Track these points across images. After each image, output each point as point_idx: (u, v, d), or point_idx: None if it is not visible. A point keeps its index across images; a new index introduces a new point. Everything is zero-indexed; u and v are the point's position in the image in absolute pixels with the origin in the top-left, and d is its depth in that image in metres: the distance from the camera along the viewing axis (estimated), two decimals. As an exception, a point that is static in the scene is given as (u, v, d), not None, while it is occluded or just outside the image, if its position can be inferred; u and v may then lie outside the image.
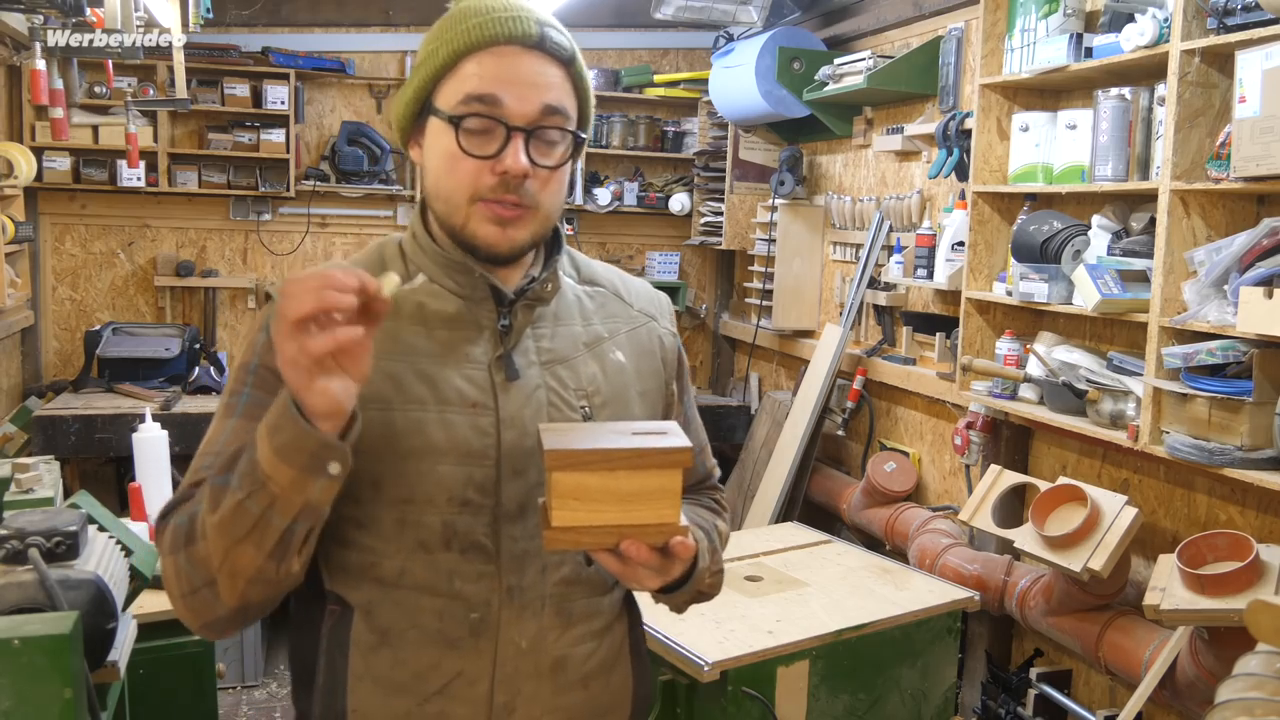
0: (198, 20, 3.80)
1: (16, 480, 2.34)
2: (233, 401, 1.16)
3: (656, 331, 1.34)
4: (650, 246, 5.55)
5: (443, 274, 1.20)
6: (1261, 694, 1.74)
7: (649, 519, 1.06)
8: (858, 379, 4.10)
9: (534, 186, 1.15)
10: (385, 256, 1.24)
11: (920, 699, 2.65)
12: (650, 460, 1.05)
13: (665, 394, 1.34)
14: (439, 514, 1.15)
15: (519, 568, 1.18)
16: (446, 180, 1.15)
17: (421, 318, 1.18)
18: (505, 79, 1.13)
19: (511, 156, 1.12)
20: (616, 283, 1.35)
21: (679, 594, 1.22)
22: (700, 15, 4.36)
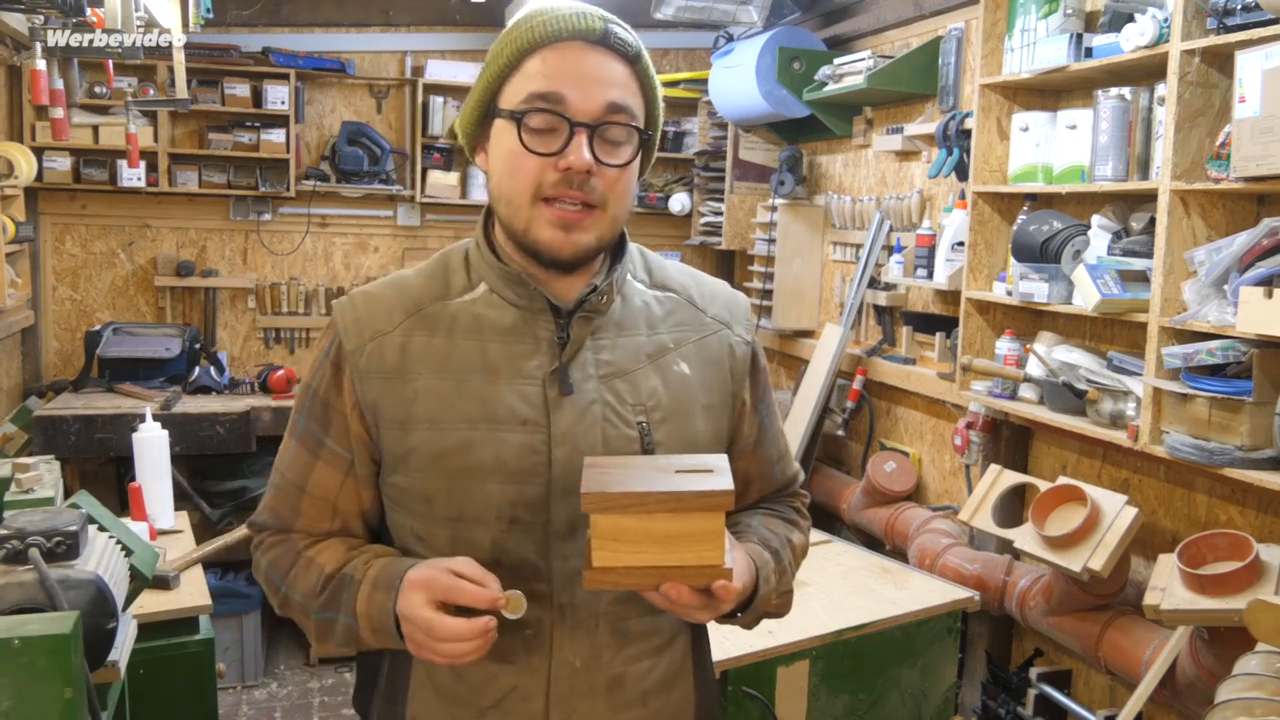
0: (198, 20, 3.80)
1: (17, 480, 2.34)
2: (295, 421, 1.24)
3: (728, 340, 1.30)
4: (650, 246, 5.37)
5: (502, 284, 1.19)
6: (1261, 694, 1.74)
7: (690, 560, 1.04)
8: (858, 379, 4.10)
9: (600, 185, 1.13)
10: (449, 267, 1.24)
11: (920, 699, 2.65)
12: (688, 504, 1.03)
13: (733, 405, 1.29)
14: (488, 532, 1.15)
15: (571, 586, 1.17)
16: (509, 181, 1.14)
17: (478, 329, 1.18)
18: (568, 75, 1.11)
19: (575, 152, 1.10)
20: (690, 287, 1.32)
21: (744, 618, 1.22)
22: (700, 15, 4.36)
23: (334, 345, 1.20)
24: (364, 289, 1.24)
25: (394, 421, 1.16)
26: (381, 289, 1.22)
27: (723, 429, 1.28)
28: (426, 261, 1.27)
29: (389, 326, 1.18)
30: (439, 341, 1.17)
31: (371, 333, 1.18)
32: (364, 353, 1.17)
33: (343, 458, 1.20)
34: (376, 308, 1.20)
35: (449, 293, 1.20)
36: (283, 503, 1.24)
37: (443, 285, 1.21)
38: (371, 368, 1.17)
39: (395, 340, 1.17)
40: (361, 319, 1.19)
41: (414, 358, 1.17)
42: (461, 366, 1.16)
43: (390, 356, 1.17)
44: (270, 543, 1.25)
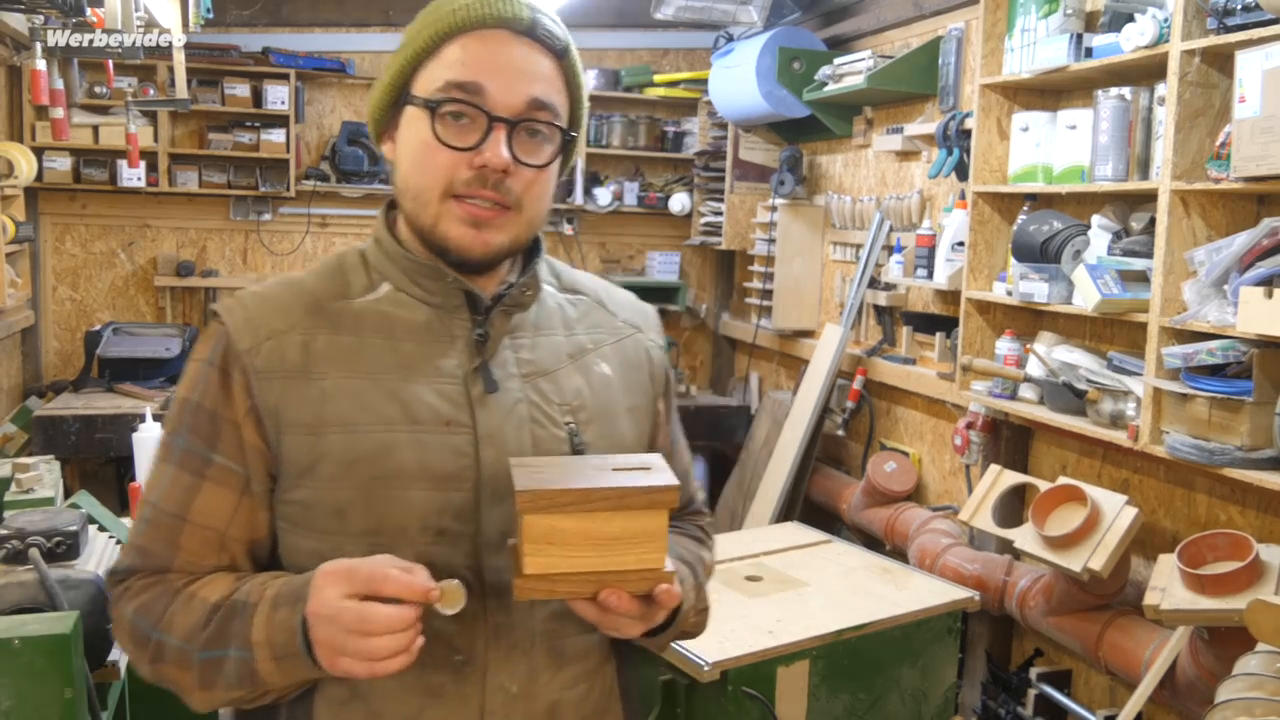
0: (198, 20, 3.80)
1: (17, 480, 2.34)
2: (170, 442, 1.08)
3: (644, 344, 1.23)
4: (650, 246, 5.55)
5: (409, 281, 1.10)
6: (1261, 694, 1.74)
7: (631, 565, 0.97)
8: (858, 379, 4.10)
9: (516, 185, 1.04)
10: (346, 268, 1.13)
11: (920, 699, 2.65)
12: (633, 501, 0.95)
13: (653, 412, 1.23)
14: (412, 546, 1.02)
15: (505, 603, 1.06)
16: (418, 174, 1.05)
17: (388, 329, 1.08)
18: (490, 65, 1.03)
19: (492, 148, 1.02)
20: (600, 291, 1.25)
21: (661, 637, 1.12)
22: (700, 15, 4.36)
23: (220, 348, 1.06)
24: (251, 289, 1.11)
25: (300, 426, 1.03)
26: (272, 288, 1.11)
27: (645, 433, 1.21)
28: (318, 264, 1.15)
29: (286, 325, 1.06)
30: (345, 339, 1.07)
31: (268, 331, 1.06)
32: (260, 352, 1.04)
33: (236, 474, 1.05)
34: (270, 306, 1.08)
35: (349, 292, 1.10)
36: (156, 539, 1.06)
37: (342, 285, 1.11)
38: (271, 367, 1.04)
39: (295, 338, 1.06)
40: (254, 318, 1.06)
41: (319, 356, 1.05)
42: (373, 365, 1.06)
43: (291, 355, 1.05)
44: (138, 588, 1.06)
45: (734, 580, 2.71)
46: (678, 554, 1.17)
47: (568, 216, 5.36)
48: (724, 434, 4.92)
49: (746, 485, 4.47)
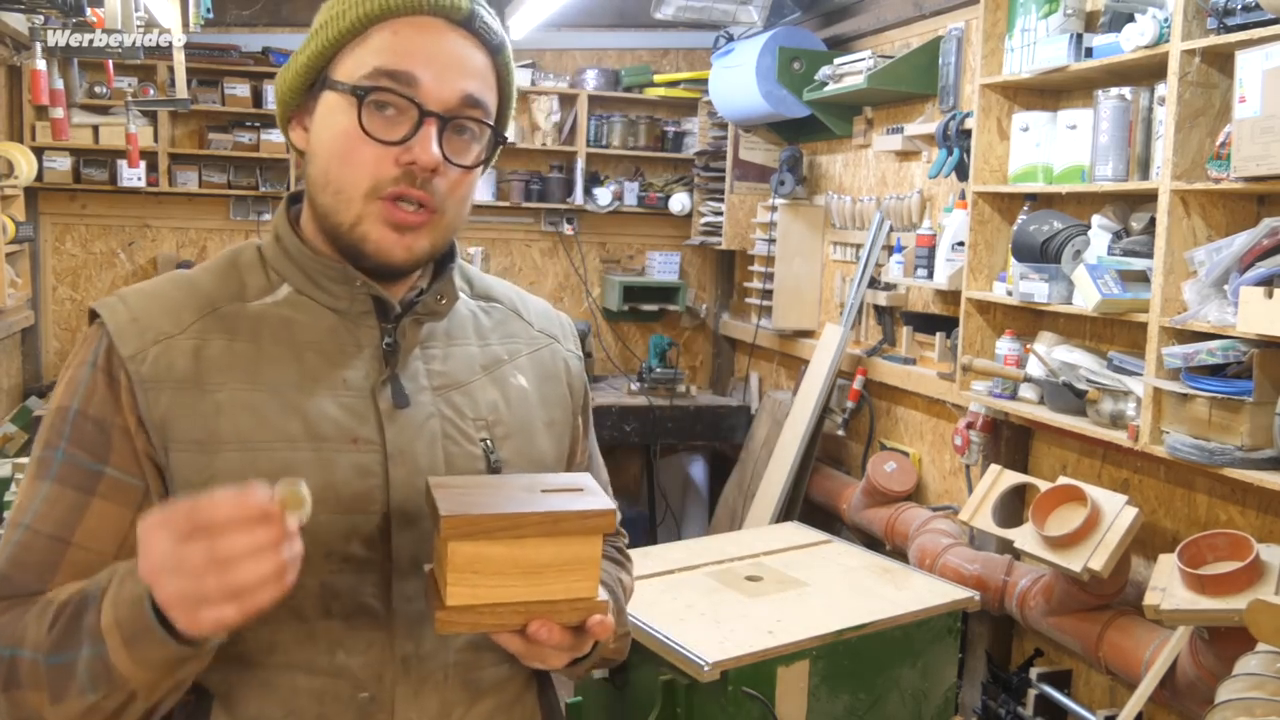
0: (198, 20, 3.80)
1: (17, 480, 2.33)
2: (46, 457, 0.94)
3: (561, 354, 1.17)
4: (650, 246, 5.55)
5: (312, 283, 1.01)
6: (1262, 694, 1.74)
7: (561, 594, 0.90)
8: (858, 379, 4.10)
9: (441, 186, 0.97)
10: (241, 266, 1.03)
11: (920, 699, 2.65)
12: (567, 526, 0.89)
13: (572, 426, 1.16)
14: (315, 574, 0.93)
15: (415, 633, 0.98)
16: (339, 168, 0.96)
17: (287, 337, 0.99)
18: (425, 55, 0.95)
19: (422, 144, 0.94)
20: (514, 299, 1.18)
21: (579, 666, 1.04)
22: (700, 15, 4.36)
23: (101, 351, 0.95)
24: (136, 287, 1.01)
25: (191, 443, 0.93)
26: (159, 285, 1.01)
27: (564, 449, 1.14)
28: (210, 261, 1.06)
29: (175, 328, 0.96)
30: (242, 346, 0.97)
31: (154, 334, 0.95)
32: (146, 359, 0.94)
33: (133, 487, 0.94)
34: (157, 306, 0.98)
35: (245, 294, 1.00)
36: (27, 565, 0.92)
37: (237, 285, 1.01)
38: (158, 376, 0.94)
39: (185, 344, 0.96)
40: (139, 319, 0.96)
41: (212, 365, 0.95)
42: (273, 376, 0.96)
43: (181, 363, 0.95)
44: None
45: (734, 580, 2.71)
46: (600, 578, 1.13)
47: (568, 216, 5.36)
48: (724, 434, 4.93)
49: (746, 485, 4.47)
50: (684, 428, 4.86)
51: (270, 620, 0.91)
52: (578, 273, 5.42)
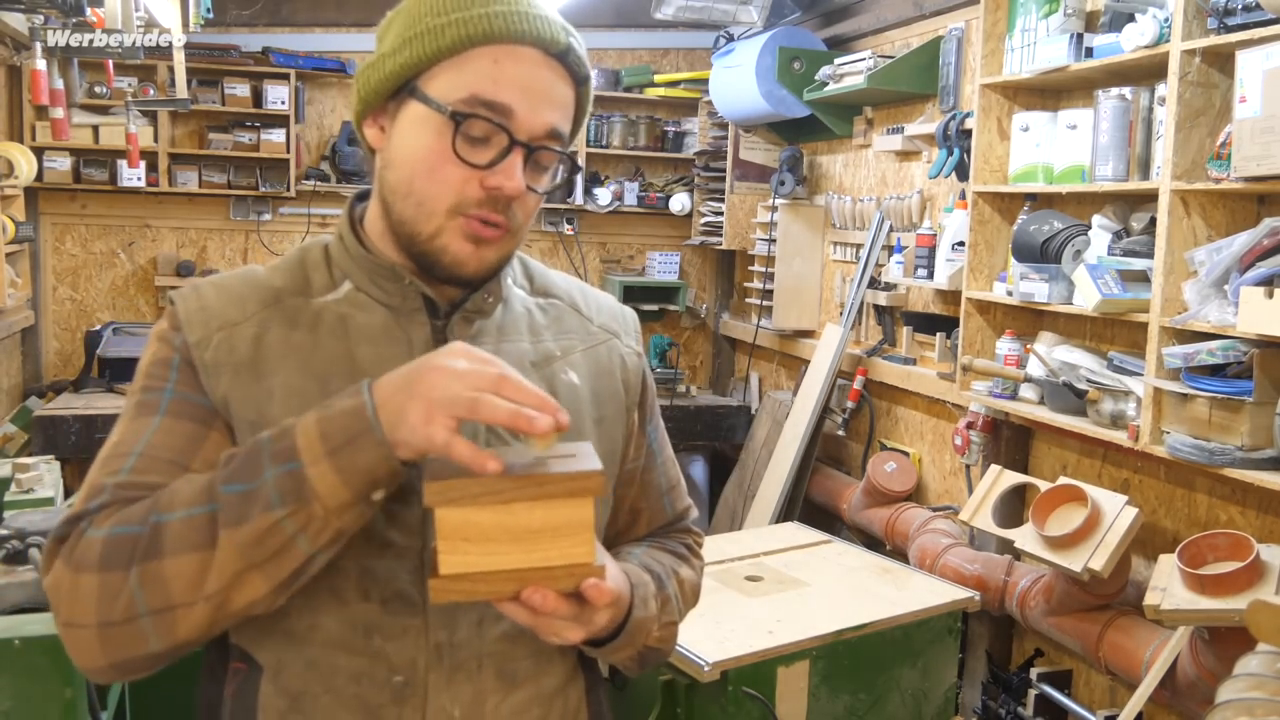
0: (198, 20, 3.81)
1: (17, 480, 2.34)
2: (150, 399, 0.99)
3: (618, 350, 1.17)
4: (650, 246, 5.55)
5: (369, 281, 1.05)
6: (1262, 694, 1.74)
7: (555, 559, 0.88)
8: (858, 379, 4.10)
9: (519, 210, 1.01)
10: (308, 264, 1.07)
11: (920, 699, 2.65)
12: (552, 489, 0.87)
13: (625, 422, 1.16)
14: (356, 557, 0.97)
15: (450, 621, 1.00)
16: (425, 182, 0.98)
17: (343, 331, 1.02)
18: (521, 86, 0.98)
19: (507, 173, 0.97)
20: (575, 295, 1.18)
21: (614, 648, 1.03)
22: (700, 15, 4.36)
23: (174, 337, 1.01)
24: (210, 279, 1.07)
25: (246, 423, 0.98)
26: (231, 279, 1.06)
27: (617, 446, 1.14)
28: (281, 259, 1.10)
29: (240, 316, 1.02)
30: (300, 337, 1.01)
31: (220, 322, 1.01)
32: (210, 344, 1.00)
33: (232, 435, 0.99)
34: (225, 297, 1.03)
35: (310, 290, 1.05)
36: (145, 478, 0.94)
37: (303, 282, 1.06)
38: (220, 360, 0.99)
39: (248, 331, 1.01)
40: (208, 308, 1.02)
41: (270, 352, 1.00)
42: (326, 368, 1.00)
43: (242, 348, 1.00)
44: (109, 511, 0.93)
45: (734, 580, 2.71)
46: (645, 564, 1.12)
47: (568, 216, 5.36)
48: (724, 434, 4.93)
49: (746, 485, 4.47)
50: (684, 428, 4.86)
51: (312, 600, 0.96)
52: (578, 273, 5.42)
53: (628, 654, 1.05)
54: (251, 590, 0.88)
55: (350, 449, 0.86)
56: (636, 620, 1.03)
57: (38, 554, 1.95)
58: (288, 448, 0.87)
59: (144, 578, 0.88)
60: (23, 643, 1.60)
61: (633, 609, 1.02)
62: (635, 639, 1.04)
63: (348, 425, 0.87)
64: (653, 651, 1.09)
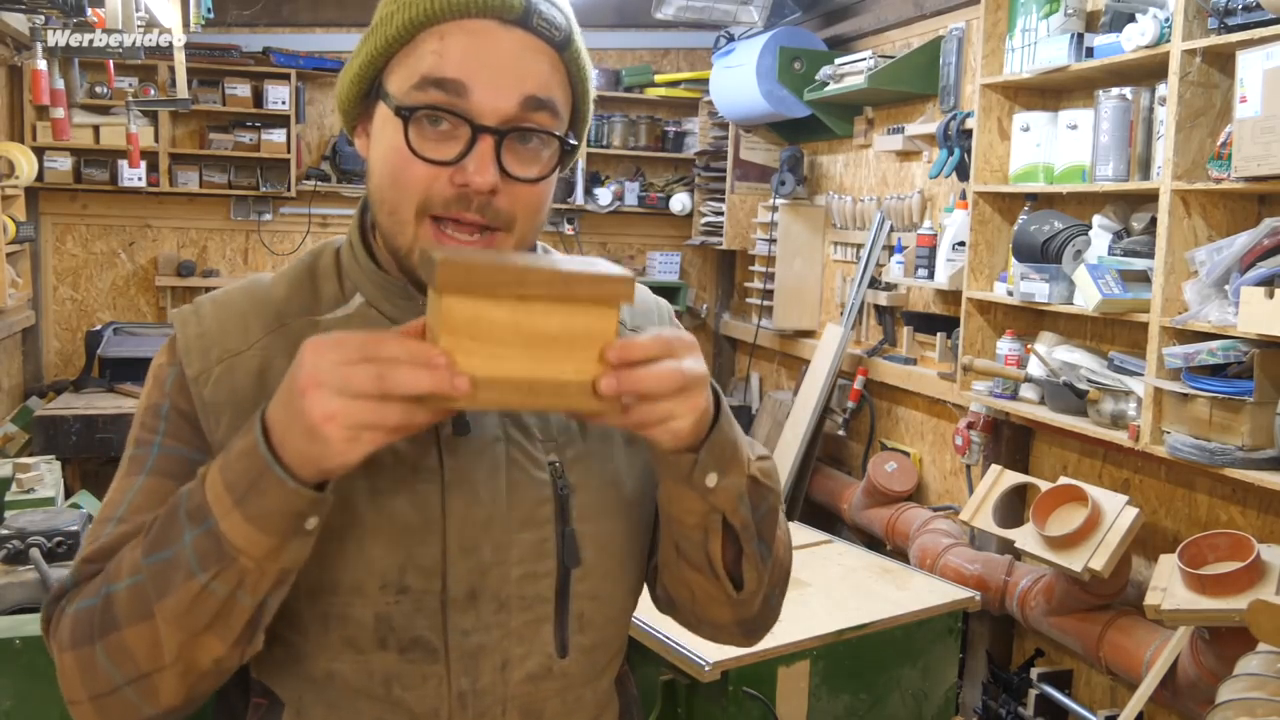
0: (199, 20, 3.81)
1: (18, 480, 2.34)
2: (140, 454, 0.92)
3: None
4: (651, 246, 5.55)
5: (381, 295, 0.95)
6: (1262, 694, 1.74)
7: (569, 374, 0.77)
8: (858, 379, 4.10)
9: (505, 204, 0.88)
10: (318, 273, 0.98)
11: (921, 699, 2.65)
12: (580, 290, 0.76)
13: None
14: (370, 606, 0.89)
15: (472, 667, 0.92)
16: (391, 189, 0.89)
17: None
18: (475, 61, 0.86)
19: (476, 164, 0.86)
20: None
21: (719, 458, 0.86)
22: (701, 15, 4.36)
23: (169, 376, 0.94)
24: (213, 295, 0.98)
25: None
26: (235, 295, 0.97)
27: (648, 463, 1.02)
28: (291, 265, 1.01)
29: (243, 344, 0.93)
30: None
31: (220, 352, 0.93)
32: (210, 379, 0.91)
33: None
34: (228, 319, 0.95)
35: (318, 306, 0.96)
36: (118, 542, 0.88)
37: (311, 296, 0.97)
38: (220, 400, 0.91)
39: (250, 363, 0.92)
40: (208, 334, 0.93)
41: (273, 387, 0.87)
42: None
43: (244, 383, 0.91)
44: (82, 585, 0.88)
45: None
46: None
47: (568, 216, 5.36)
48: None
49: (747, 485, 4.46)
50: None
51: (327, 650, 0.90)
52: (578, 273, 5.42)
53: (738, 477, 0.88)
54: (210, 651, 0.82)
55: (255, 495, 0.77)
56: (723, 434, 0.86)
57: (39, 554, 1.95)
58: (199, 505, 0.79)
59: (108, 650, 0.83)
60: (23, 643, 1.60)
61: (718, 419, 0.86)
62: (738, 449, 0.88)
63: (247, 469, 0.77)
64: (760, 488, 0.92)
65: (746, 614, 0.99)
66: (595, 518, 0.96)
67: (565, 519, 0.94)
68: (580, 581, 0.95)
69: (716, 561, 0.92)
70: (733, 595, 0.95)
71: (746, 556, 0.93)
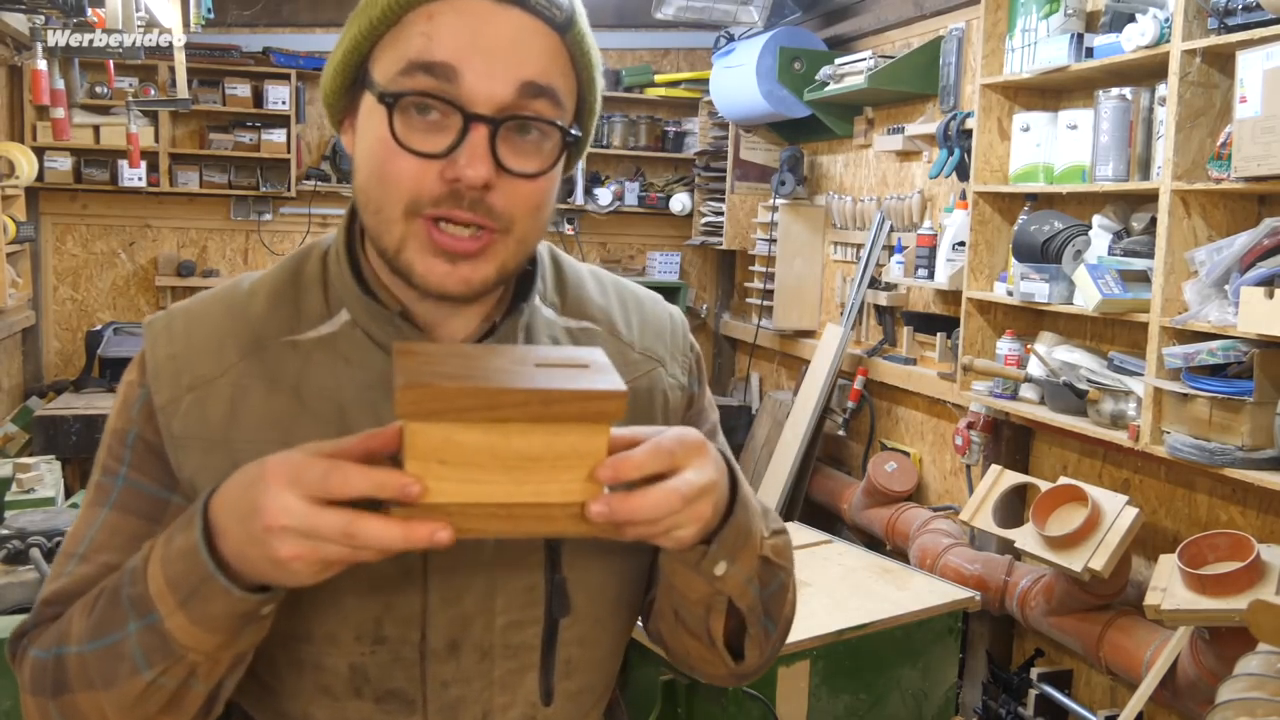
0: (199, 20, 3.81)
1: (18, 480, 2.34)
2: (105, 483, 0.87)
3: (661, 384, 0.96)
4: (651, 247, 5.55)
5: (368, 318, 0.86)
6: (1262, 694, 1.74)
7: (553, 495, 0.69)
8: (858, 379, 4.10)
9: (501, 202, 0.79)
10: (302, 284, 0.89)
11: (921, 699, 2.65)
12: (561, 410, 0.67)
13: None
14: (344, 656, 0.84)
15: (451, 718, 0.87)
16: (377, 185, 0.80)
17: (333, 388, 0.85)
18: (467, 44, 0.77)
19: (468, 156, 0.77)
20: (614, 314, 0.97)
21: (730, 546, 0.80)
22: (701, 15, 4.36)
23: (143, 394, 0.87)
24: (188, 305, 0.90)
25: None
26: (211, 308, 0.89)
27: None
28: (275, 268, 0.92)
29: (216, 370, 0.85)
30: (281, 402, 0.84)
31: (191, 379, 0.85)
32: (179, 410, 0.84)
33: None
34: (202, 339, 0.87)
35: (299, 324, 0.87)
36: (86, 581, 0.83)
37: (292, 311, 0.88)
38: (189, 433, 0.84)
39: (223, 391, 0.84)
40: (179, 356, 0.86)
41: (247, 422, 0.84)
42: (310, 438, 0.76)
43: (215, 415, 0.84)
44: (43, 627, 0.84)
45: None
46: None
47: (568, 216, 5.36)
48: (724, 434, 4.90)
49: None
50: (684, 428, 4.85)
51: (301, 695, 0.86)
52: (578, 273, 5.43)
53: (749, 563, 0.83)
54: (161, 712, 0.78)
55: (198, 599, 0.72)
56: (743, 504, 0.81)
57: (39, 554, 1.95)
58: (142, 595, 0.74)
59: (62, 710, 0.79)
60: (23, 642, 1.59)
61: (737, 485, 0.81)
62: (750, 534, 0.82)
63: (188, 571, 0.72)
64: (772, 567, 0.87)
65: (742, 672, 0.95)
66: (587, 563, 0.89)
67: (555, 566, 0.87)
68: (569, 629, 0.89)
69: (717, 637, 0.88)
70: (731, 665, 0.91)
71: (750, 635, 0.88)
